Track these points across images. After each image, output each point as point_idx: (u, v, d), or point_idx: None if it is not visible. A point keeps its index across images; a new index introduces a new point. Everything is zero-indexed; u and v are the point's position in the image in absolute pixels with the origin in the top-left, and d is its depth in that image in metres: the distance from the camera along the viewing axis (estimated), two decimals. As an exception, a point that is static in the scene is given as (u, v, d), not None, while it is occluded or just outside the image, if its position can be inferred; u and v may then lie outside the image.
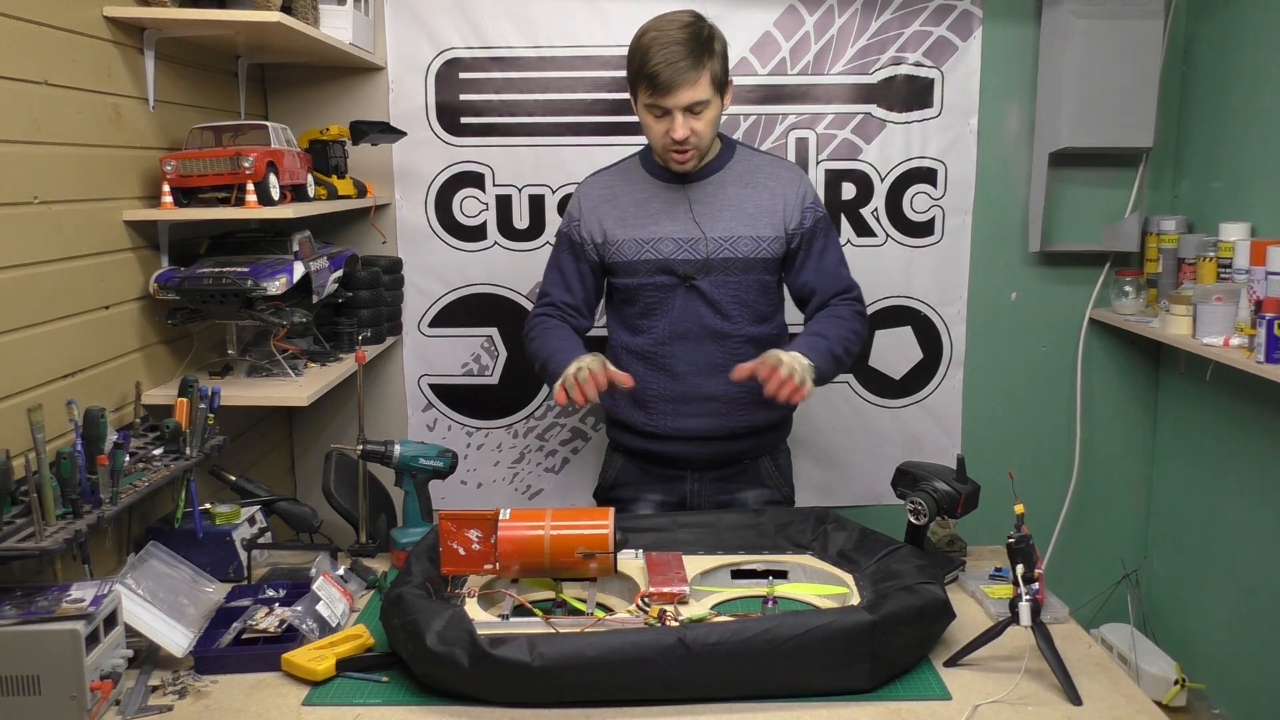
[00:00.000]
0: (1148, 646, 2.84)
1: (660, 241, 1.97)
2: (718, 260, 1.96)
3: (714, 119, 1.90)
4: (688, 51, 1.81)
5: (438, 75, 2.72)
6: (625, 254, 1.99)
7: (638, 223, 1.99)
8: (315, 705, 1.40)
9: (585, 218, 2.04)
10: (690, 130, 1.86)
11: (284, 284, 1.98)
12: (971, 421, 2.94)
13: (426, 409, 2.89)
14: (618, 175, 2.07)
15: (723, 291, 1.97)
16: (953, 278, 2.87)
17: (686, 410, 2.01)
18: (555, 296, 2.08)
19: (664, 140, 1.89)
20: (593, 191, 2.06)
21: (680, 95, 1.83)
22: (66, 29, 1.77)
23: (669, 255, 1.96)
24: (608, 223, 2.01)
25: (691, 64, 1.81)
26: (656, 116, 1.88)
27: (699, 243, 1.96)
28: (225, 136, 2.07)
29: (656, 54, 1.82)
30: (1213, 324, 2.35)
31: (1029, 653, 1.43)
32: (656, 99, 1.84)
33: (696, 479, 2.07)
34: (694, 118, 1.86)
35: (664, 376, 2.01)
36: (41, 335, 1.68)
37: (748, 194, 1.99)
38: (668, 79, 1.81)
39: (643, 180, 2.02)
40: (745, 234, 1.97)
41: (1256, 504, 2.52)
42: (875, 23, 2.74)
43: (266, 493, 2.05)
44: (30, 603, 1.37)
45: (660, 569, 1.65)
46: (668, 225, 1.97)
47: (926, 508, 1.71)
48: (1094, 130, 2.68)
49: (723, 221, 1.97)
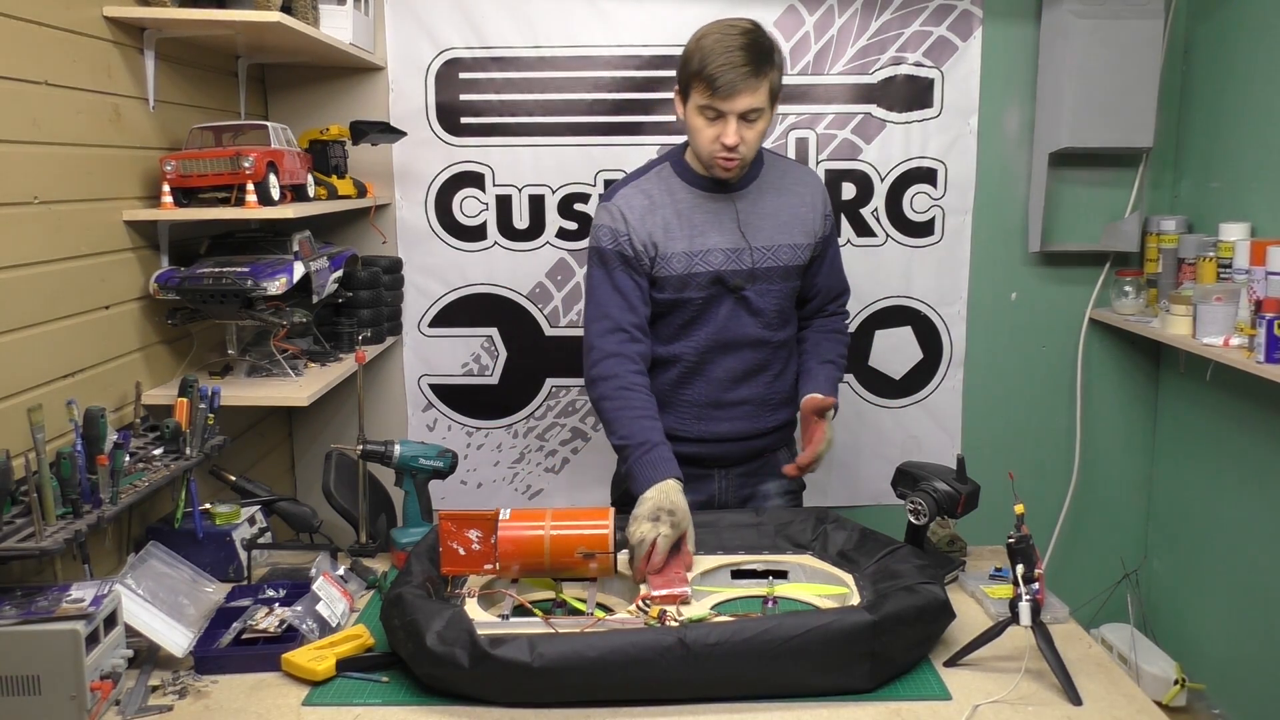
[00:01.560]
0: (1148, 646, 2.84)
1: (710, 253, 1.94)
2: (762, 270, 1.96)
3: (763, 130, 1.88)
4: (750, 58, 1.80)
5: (438, 75, 2.72)
6: (674, 268, 1.93)
7: (685, 235, 1.93)
8: (315, 705, 1.39)
9: (635, 231, 1.93)
10: (741, 138, 1.84)
11: (284, 284, 1.98)
12: (971, 421, 2.94)
13: (426, 409, 2.89)
14: (655, 185, 1.98)
15: (766, 300, 1.98)
16: (953, 278, 2.87)
17: (720, 415, 2.02)
18: (622, 320, 1.93)
19: (712, 146, 1.86)
20: (634, 203, 1.95)
21: (739, 100, 1.81)
22: (66, 29, 1.77)
23: (719, 267, 1.94)
24: (656, 235, 1.94)
25: (753, 70, 1.80)
26: (709, 120, 1.85)
27: (744, 253, 1.95)
28: (225, 136, 2.07)
29: (719, 57, 1.79)
30: (1213, 324, 2.35)
31: (1029, 653, 1.43)
32: (715, 101, 1.82)
33: (724, 476, 2.08)
34: (747, 126, 1.84)
35: (700, 383, 2.01)
36: (41, 335, 1.68)
37: (782, 201, 1.99)
38: (729, 82, 1.79)
39: (682, 190, 1.97)
40: (785, 242, 1.98)
41: (1256, 504, 2.52)
42: (875, 23, 2.74)
43: (266, 493, 2.05)
44: (30, 603, 1.37)
45: (661, 571, 1.65)
46: (715, 236, 1.94)
47: (926, 508, 1.71)
48: (1094, 130, 2.68)
49: (765, 231, 1.96)
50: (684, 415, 2.02)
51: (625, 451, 1.85)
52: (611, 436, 1.89)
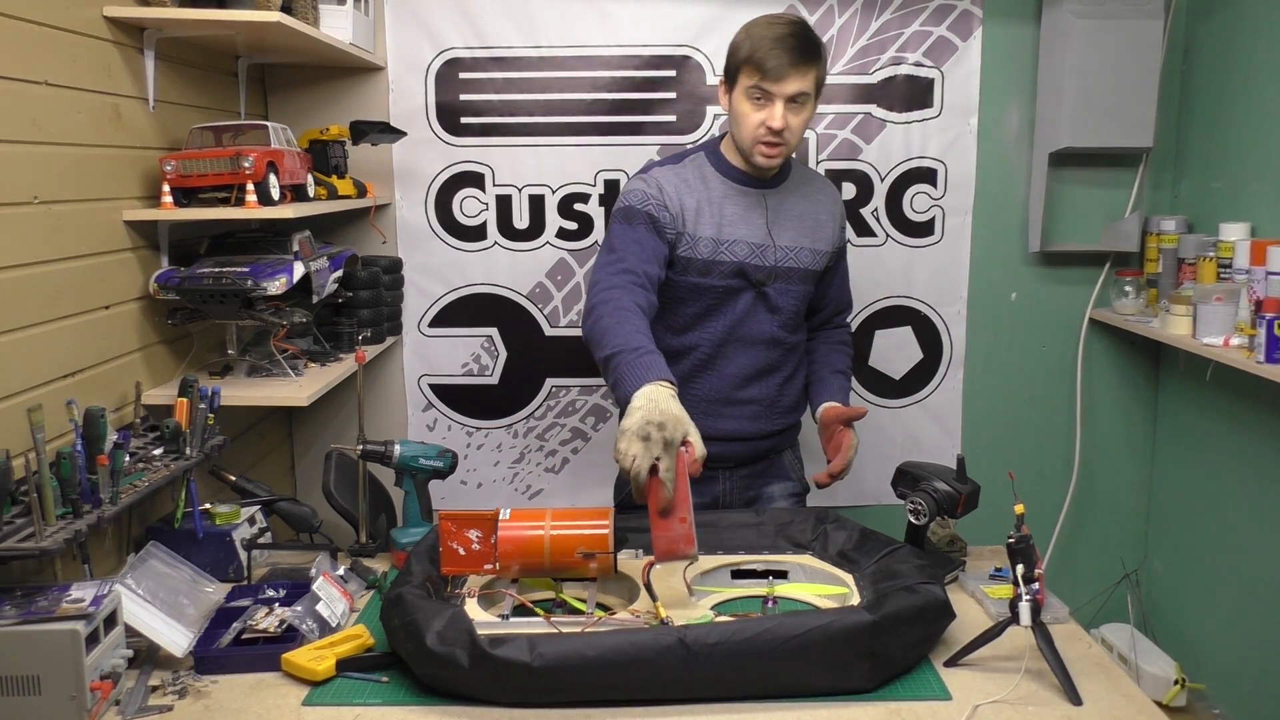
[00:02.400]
0: (1148, 646, 2.84)
1: (736, 244, 1.95)
2: (783, 269, 1.98)
3: (807, 120, 1.91)
4: (800, 44, 1.84)
5: (438, 75, 2.72)
6: (701, 252, 1.93)
7: (714, 221, 1.94)
8: (315, 705, 1.39)
9: (669, 199, 1.91)
10: (786, 123, 1.86)
11: (284, 284, 1.98)
12: (971, 421, 2.94)
13: (426, 409, 2.89)
14: (691, 171, 1.98)
15: (785, 299, 2.00)
16: (953, 278, 2.87)
17: (728, 412, 2.02)
18: (635, 265, 1.82)
19: (757, 131, 1.87)
20: (668, 179, 1.95)
21: (789, 83, 1.84)
22: (66, 29, 1.77)
23: (743, 259, 1.95)
24: (689, 213, 1.93)
25: (804, 55, 1.84)
26: (756, 102, 1.87)
27: (768, 250, 1.96)
28: (225, 136, 2.07)
29: (770, 42, 1.84)
30: (1213, 324, 2.35)
31: (1029, 653, 1.43)
32: (765, 82, 1.84)
33: (729, 477, 2.08)
34: (793, 112, 1.86)
35: (711, 377, 2.01)
36: (41, 335, 1.68)
37: (807, 206, 2.02)
38: (779, 63, 1.82)
39: (716, 180, 1.98)
40: (807, 245, 2.00)
41: (1256, 504, 2.52)
42: (875, 23, 2.74)
43: (266, 493, 2.05)
44: (30, 603, 1.37)
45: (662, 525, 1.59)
46: (743, 229, 1.96)
47: (926, 508, 1.71)
48: (1094, 130, 2.68)
49: (790, 231, 1.99)
50: (692, 411, 1.96)
51: (612, 360, 1.61)
52: (600, 351, 1.65)
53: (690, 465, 1.49)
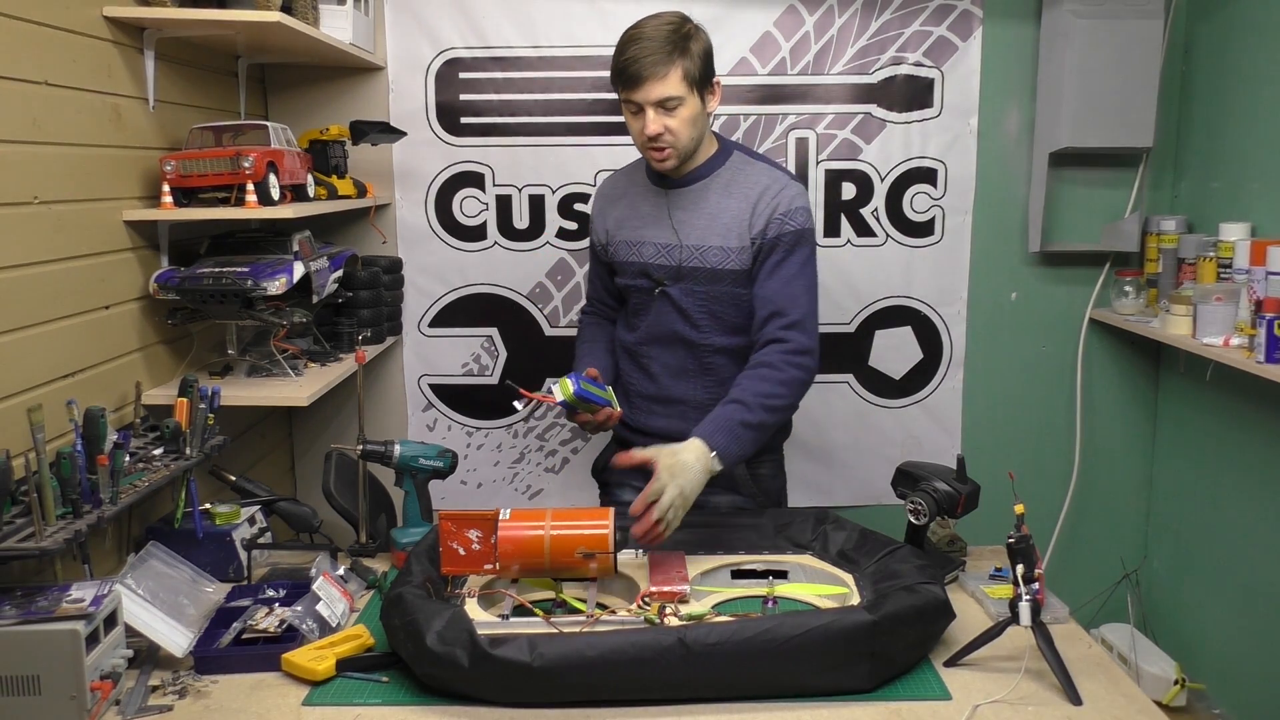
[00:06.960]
0: (1148, 646, 2.84)
1: (643, 245, 1.99)
2: (688, 269, 1.95)
3: (690, 118, 1.85)
4: (659, 48, 1.81)
5: (438, 75, 2.72)
6: (618, 255, 2.04)
7: (629, 225, 2.02)
8: (315, 705, 1.40)
9: (596, 219, 2.11)
10: (663, 127, 1.84)
11: (284, 284, 1.98)
12: (971, 421, 2.94)
13: (426, 409, 2.89)
14: (625, 176, 2.10)
15: (691, 300, 1.96)
16: (953, 278, 2.87)
17: (659, 410, 2.04)
18: (593, 294, 2.21)
19: (640, 140, 1.90)
20: (604, 191, 2.12)
21: (649, 89, 1.82)
22: (66, 29, 1.77)
23: (648, 260, 1.98)
24: (609, 223, 2.06)
25: (662, 59, 1.81)
26: (633, 113, 1.88)
27: (675, 249, 1.96)
28: (225, 136, 2.07)
29: (629, 49, 1.83)
30: (1213, 324, 2.35)
31: (1029, 653, 1.43)
32: (628, 93, 1.85)
33: None
34: (666, 114, 1.84)
35: (643, 375, 2.06)
36: (41, 335, 1.68)
37: (726, 203, 1.94)
38: (635, 72, 1.81)
39: (641, 184, 2.03)
40: (715, 244, 1.93)
41: (1256, 504, 2.52)
42: (875, 23, 2.74)
43: (266, 493, 2.05)
44: (30, 603, 1.37)
45: (661, 568, 1.65)
46: (651, 230, 1.98)
47: (926, 508, 1.71)
48: (1094, 130, 2.68)
49: (698, 230, 1.95)
50: (635, 406, 2.08)
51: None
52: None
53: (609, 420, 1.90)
